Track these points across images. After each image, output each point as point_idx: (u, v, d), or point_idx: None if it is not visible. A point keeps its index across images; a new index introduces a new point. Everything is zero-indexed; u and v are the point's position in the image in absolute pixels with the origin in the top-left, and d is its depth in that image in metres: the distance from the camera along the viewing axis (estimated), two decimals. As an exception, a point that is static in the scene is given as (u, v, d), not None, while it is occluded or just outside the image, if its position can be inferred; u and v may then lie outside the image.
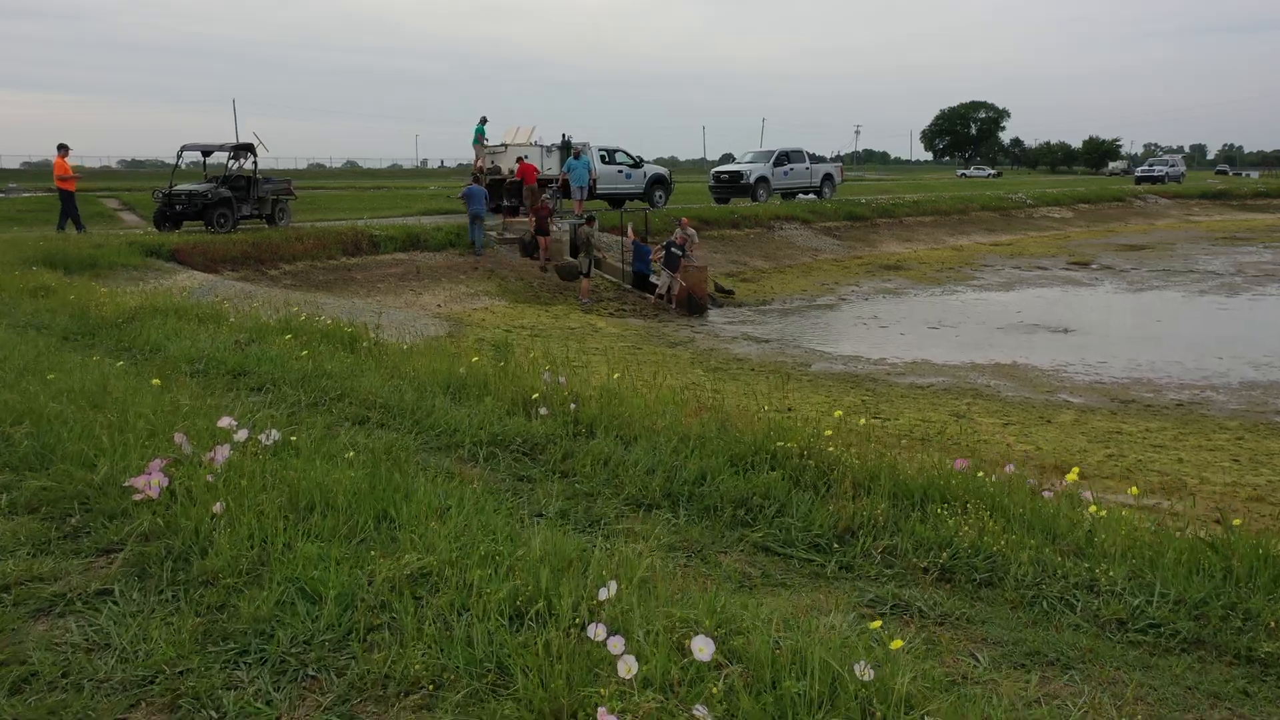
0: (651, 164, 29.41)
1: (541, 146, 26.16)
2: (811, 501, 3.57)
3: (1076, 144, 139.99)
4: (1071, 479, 4.14)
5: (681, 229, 21.60)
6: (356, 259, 19.61)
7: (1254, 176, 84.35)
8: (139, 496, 3.32)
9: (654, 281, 20.35)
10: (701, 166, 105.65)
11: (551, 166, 25.81)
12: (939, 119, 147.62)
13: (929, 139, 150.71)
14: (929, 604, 3.15)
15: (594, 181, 26.02)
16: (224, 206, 19.87)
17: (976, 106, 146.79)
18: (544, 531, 3.05)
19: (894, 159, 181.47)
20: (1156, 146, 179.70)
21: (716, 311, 20.06)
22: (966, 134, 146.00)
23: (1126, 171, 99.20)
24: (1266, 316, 19.85)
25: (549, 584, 2.62)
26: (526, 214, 24.08)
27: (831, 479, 3.79)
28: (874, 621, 2.63)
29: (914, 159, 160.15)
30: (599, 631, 2.28)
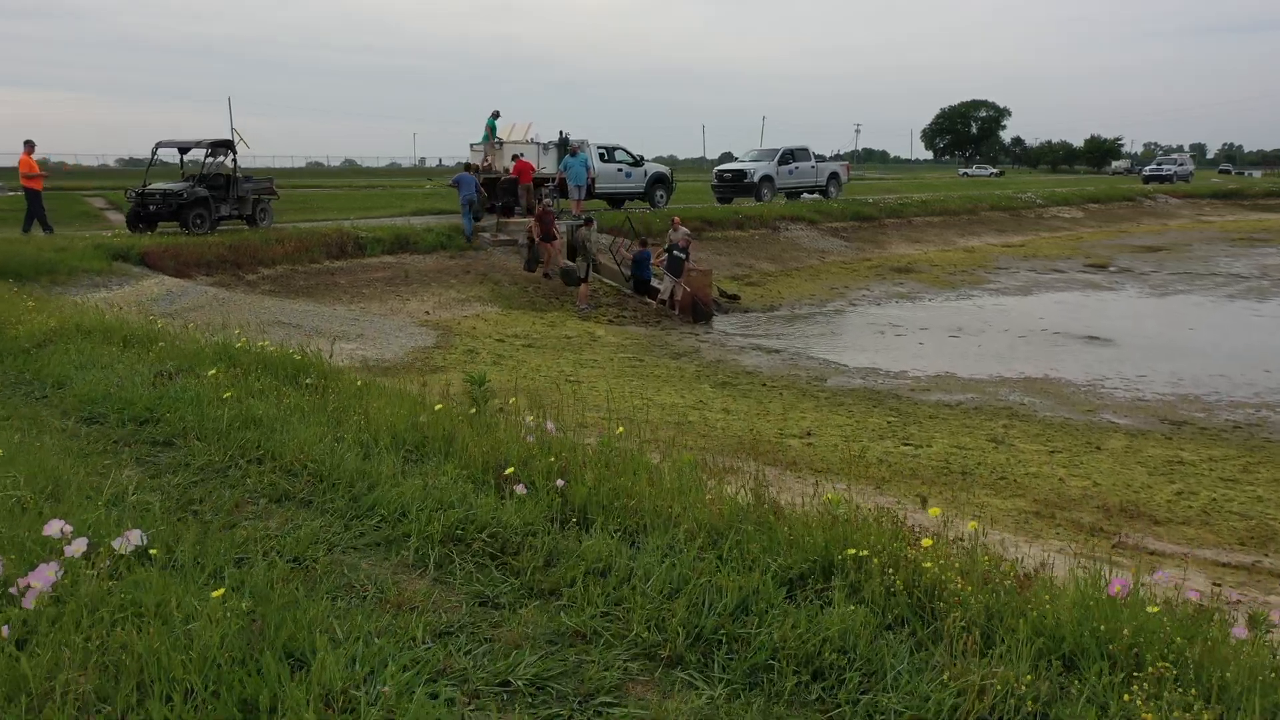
0: (652, 162, 28.30)
1: (538, 144, 25.04)
2: (911, 654, 2.43)
3: (1077, 143, 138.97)
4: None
5: (674, 228, 20.54)
6: (341, 262, 18.51)
7: (1256, 175, 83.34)
8: None
9: (655, 286, 19.26)
10: (701, 166, 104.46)
11: (548, 165, 24.69)
12: (939, 118, 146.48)
13: (929, 138, 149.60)
14: None
15: (592, 181, 24.93)
16: (201, 207, 18.76)
17: (977, 105, 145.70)
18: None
19: (893, 158, 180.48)
20: (1156, 145, 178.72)
21: (722, 318, 18.98)
22: (967, 133, 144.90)
23: (1130, 170, 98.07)
24: (1303, 323, 18.79)
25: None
26: (522, 215, 22.99)
27: (935, 607, 2.64)
28: None
29: (914, 158, 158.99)
30: None
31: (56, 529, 2.62)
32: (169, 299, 14.21)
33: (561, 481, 3.86)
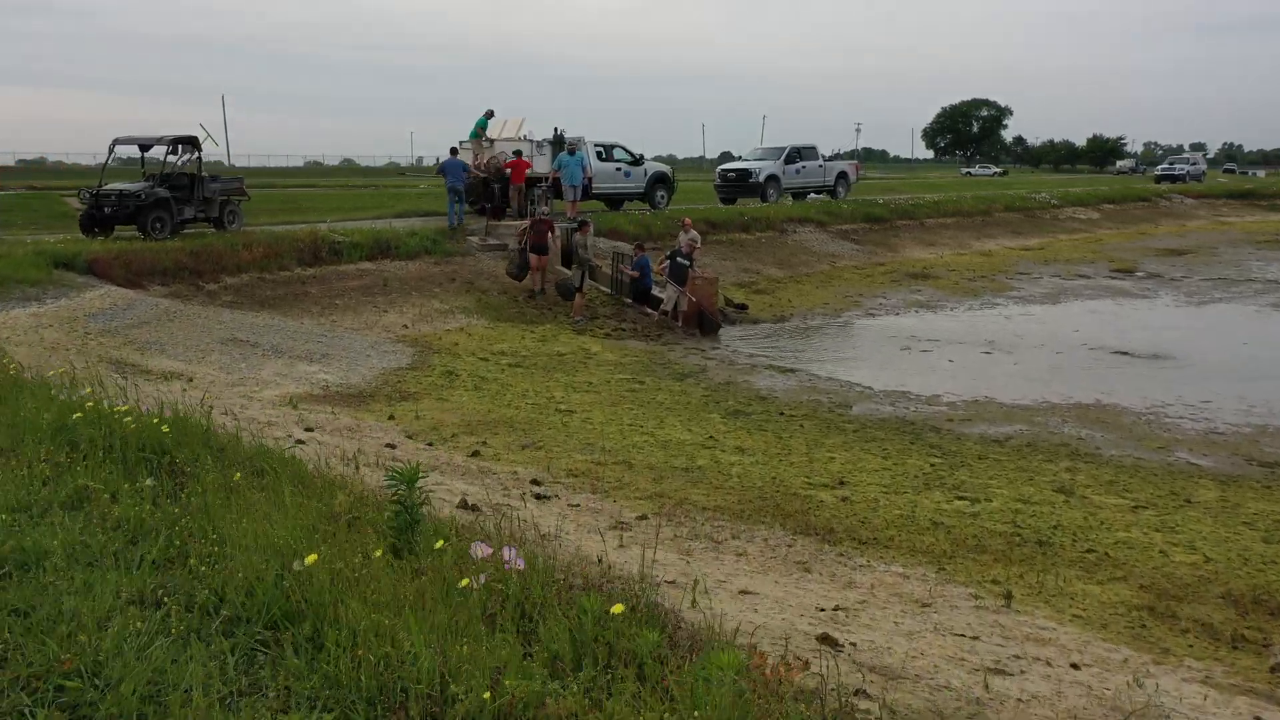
0: (652, 161, 26.76)
1: (531, 141, 23.47)
2: None
3: (1078, 142, 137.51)
4: None
5: (684, 230, 19.00)
6: (314, 269, 16.95)
7: (1261, 175, 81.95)
8: None
9: (657, 295, 17.73)
10: (701, 165, 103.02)
11: (542, 164, 23.10)
12: (940, 117, 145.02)
13: (930, 137, 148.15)
14: None
15: (589, 180, 23.39)
16: (161, 209, 17.19)
17: (978, 104, 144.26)
18: None
19: (893, 157, 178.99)
20: (1156, 145, 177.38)
21: (729, 330, 17.44)
22: (968, 132, 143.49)
23: (1134, 170, 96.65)
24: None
25: None
26: (514, 217, 21.44)
27: None
28: None
29: (914, 157, 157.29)
30: None
31: None
32: (111, 314, 12.66)
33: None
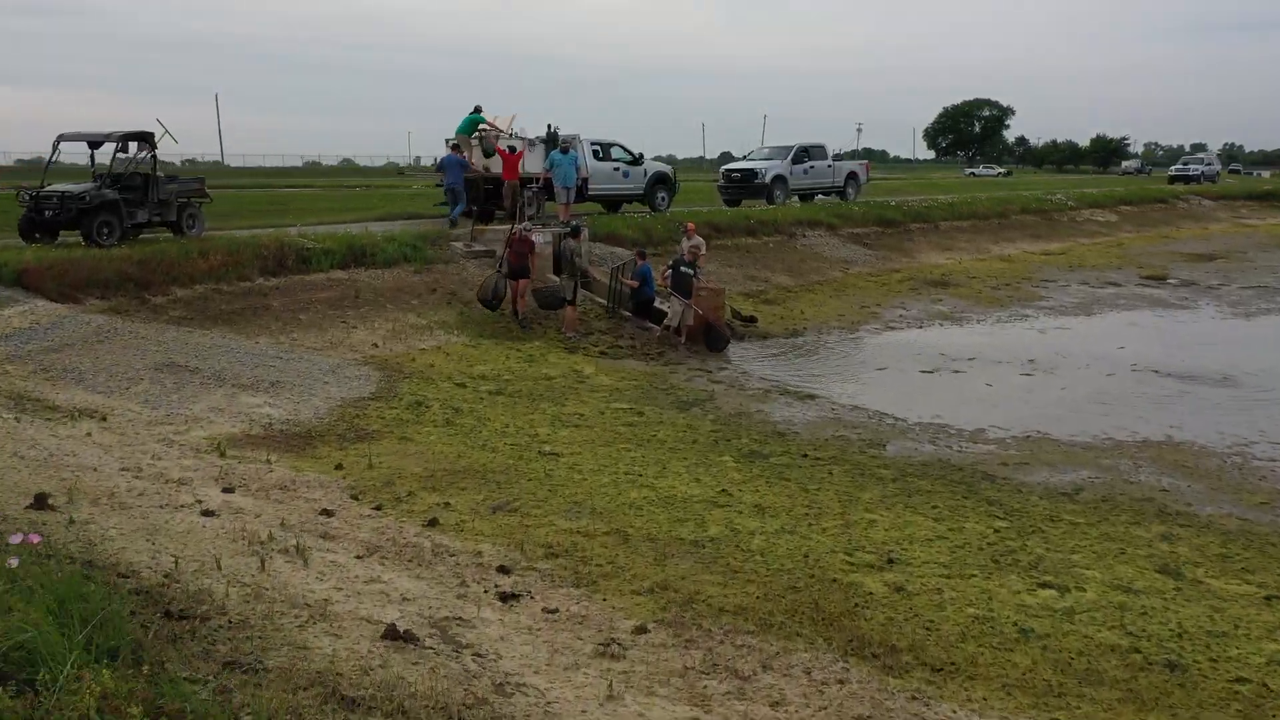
0: (653, 161, 25.10)
1: (523, 138, 21.80)
2: None
3: (1080, 142, 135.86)
4: None
5: (687, 236, 17.34)
6: (278, 279, 15.26)
7: (1266, 175, 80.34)
8: None
9: (660, 308, 16.07)
10: (700, 165, 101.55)
11: (534, 163, 21.42)
12: (942, 117, 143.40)
13: (932, 137, 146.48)
14: None
15: (584, 181, 21.74)
16: (108, 212, 15.54)
17: (980, 104, 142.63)
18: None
19: (893, 158, 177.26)
20: (1156, 145, 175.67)
21: (738, 347, 15.78)
22: (970, 132, 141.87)
23: (1140, 170, 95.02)
24: None
25: None
26: (506, 219, 19.79)
27: None
28: None
29: (916, 157, 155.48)
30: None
31: None
32: (29, 335, 11.00)
33: None
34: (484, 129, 21.16)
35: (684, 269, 15.66)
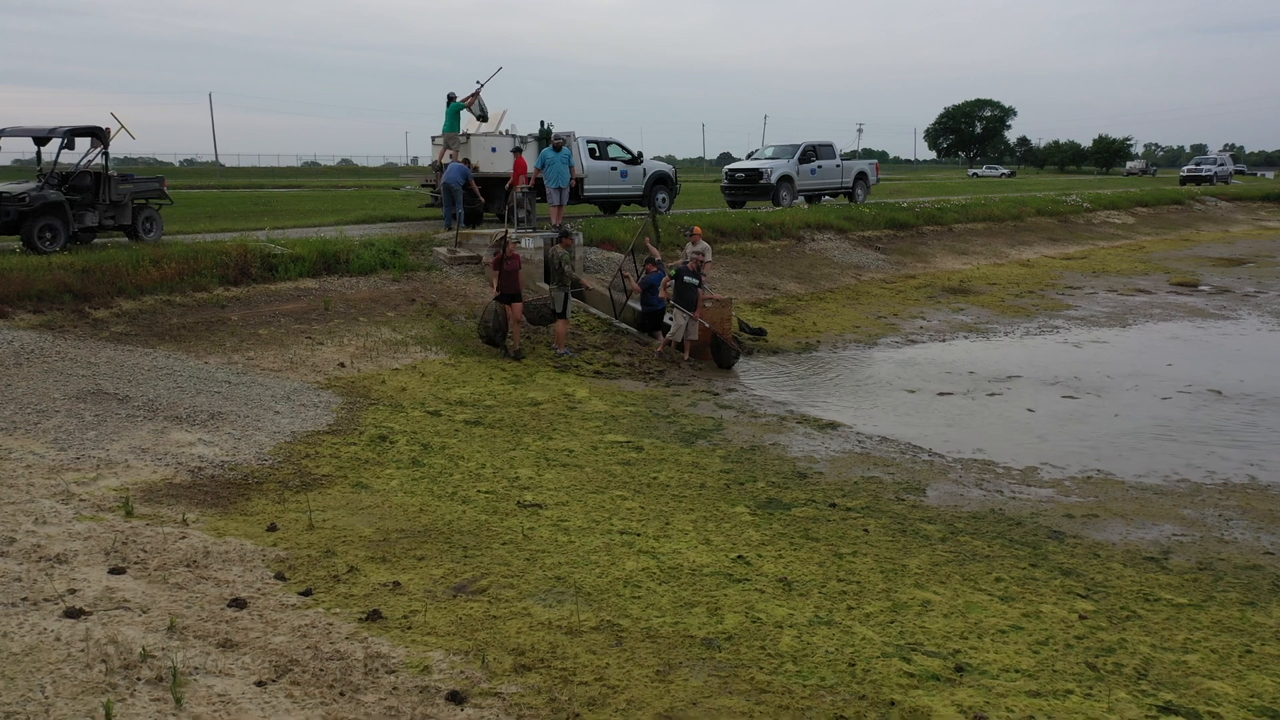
0: (653, 160, 23.65)
1: (514, 136, 20.34)
2: None
3: (1081, 142, 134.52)
4: None
5: (692, 242, 15.88)
6: (239, 289, 13.82)
7: (1270, 176, 78.94)
8: None
9: (667, 321, 14.60)
10: (700, 166, 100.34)
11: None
12: (943, 117, 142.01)
13: (933, 138, 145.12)
14: None
15: (579, 181, 20.31)
16: (52, 215, 14.09)
17: (981, 105, 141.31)
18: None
19: (893, 158, 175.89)
20: (1157, 146, 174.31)
21: (746, 363, 14.34)
22: (971, 132, 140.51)
23: (1145, 171, 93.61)
24: None
25: None
26: (497, 222, 18.34)
27: None
28: None
29: (917, 158, 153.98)
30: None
31: None
32: (-67, 358, 9.53)
33: None
34: (468, 103, 19.87)
35: (688, 279, 14.20)
